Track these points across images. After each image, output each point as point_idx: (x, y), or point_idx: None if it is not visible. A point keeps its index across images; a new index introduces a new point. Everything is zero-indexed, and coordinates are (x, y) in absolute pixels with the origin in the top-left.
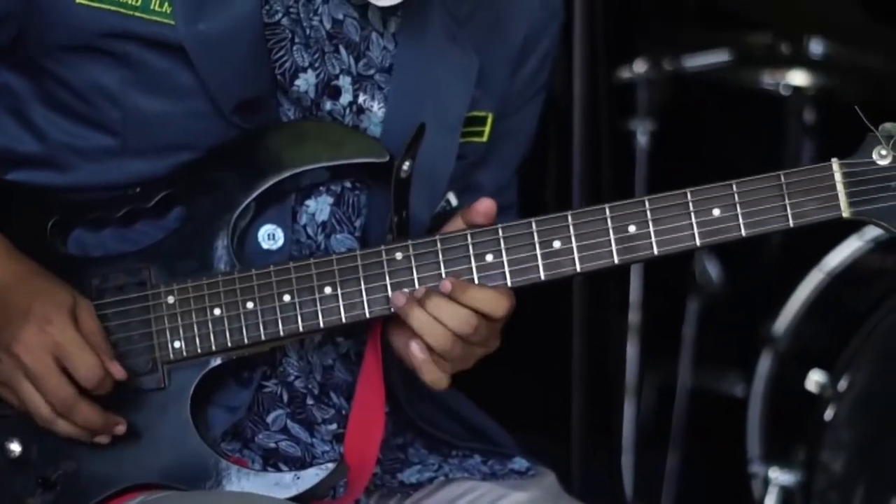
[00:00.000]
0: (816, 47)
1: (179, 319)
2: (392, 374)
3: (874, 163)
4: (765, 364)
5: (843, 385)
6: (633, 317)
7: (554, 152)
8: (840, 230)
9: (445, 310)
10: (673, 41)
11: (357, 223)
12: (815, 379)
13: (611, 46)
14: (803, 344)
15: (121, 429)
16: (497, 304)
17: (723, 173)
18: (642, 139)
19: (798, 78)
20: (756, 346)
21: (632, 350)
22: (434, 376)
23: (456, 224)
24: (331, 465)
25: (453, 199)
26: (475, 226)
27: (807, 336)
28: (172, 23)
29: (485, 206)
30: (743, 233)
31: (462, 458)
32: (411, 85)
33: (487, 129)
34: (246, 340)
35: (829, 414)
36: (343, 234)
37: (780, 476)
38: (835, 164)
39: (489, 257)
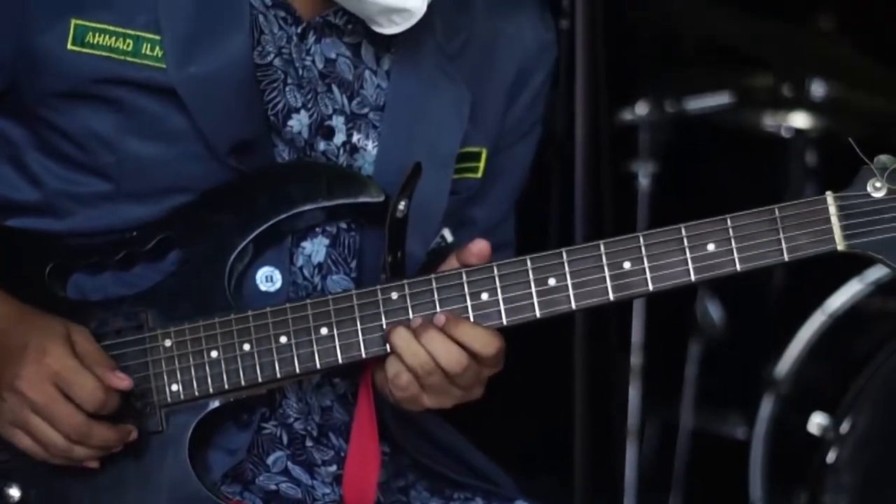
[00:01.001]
0: (818, 89)
1: (177, 362)
2: (387, 413)
3: (868, 195)
4: (767, 406)
5: (845, 427)
6: (635, 358)
7: (556, 194)
8: (841, 272)
9: (438, 344)
10: (675, 83)
11: (353, 264)
12: (817, 421)
13: (613, 88)
14: (805, 386)
15: (134, 435)
16: (487, 342)
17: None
18: (644, 181)
19: (800, 120)
20: (758, 388)
21: (634, 392)
22: (405, 394)
23: (451, 264)
24: None
25: (448, 235)
26: (469, 266)
27: (809, 378)
28: (164, 66)
29: (478, 248)
30: (738, 267)
31: (464, 501)
32: (403, 122)
33: (482, 164)
34: (243, 382)
35: (831, 456)
36: (339, 275)
37: None
38: (829, 197)
39: (484, 296)
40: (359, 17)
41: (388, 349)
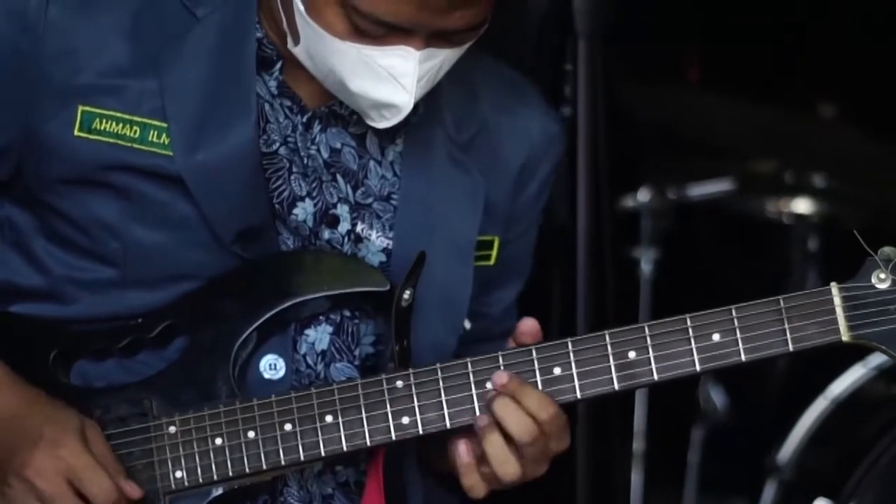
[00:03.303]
0: (820, 176)
1: (181, 449)
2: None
3: (873, 286)
4: (770, 492)
5: None
6: (638, 444)
7: (558, 281)
8: (844, 358)
9: (535, 401)
10: (676, 170)
11: (357, 352)
12: None
13: (615, 175)
14: (808, 472)
15: None
16: (540, 405)
17: (727, 302)
18: (646, 267)
19: (802, 206)
20: (761, 474)
21: (636, 478)
22: (472, 480)
23: (508, 345)
24: None
25: (466, 323)
26: (523, 345)
27: (812, 464)
28: (171, 154)
29: (528, 326)
30: (743, 358)
31: None
32: (418, 214)
33: (495, 252)
34: (247, 469)
35: None
36: (343, 363)
37: None
38: (834, 288)
39: (489, 385)
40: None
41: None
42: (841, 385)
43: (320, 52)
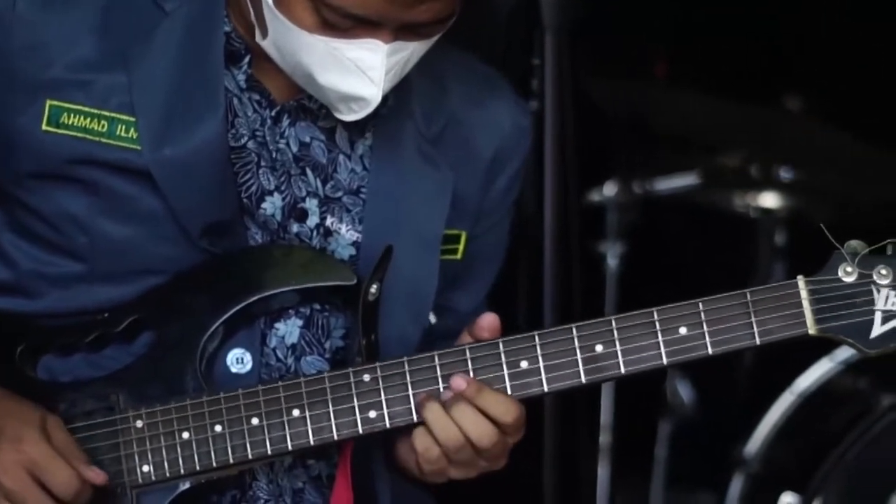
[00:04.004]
0: (786, 170)
1: (148, 444)
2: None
3: (840, 280)
4: (737, 486)
5: None
6: (605, 438)
7: (525, 275)
8: (811, 352)
9: (469, 418)
10: (643, 164)
11: (327, 345)
12: (786, 501)
13: (581, 169)
14: (775, 466)
15: None
16: (506, 410)
17: (693, 296)
18: (612, 262)
19: (768, 200)
20: (728, 467)
21: (603, 472)
22: (434, 468)
23: (463, 339)
24: None
25: (431, 317)
26: (480, 340)
27: (778, 458)
28: (138, 148)
29: (488, 321)
30: (710, 351)
31: None
32: (387, 207)
33: (461, 246)
34: (214, 464)
35: None
36: (313, 357)
37: None
38: (800, 281)
39: (448, 385)
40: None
41: (415, 420)
42: (808, 379)
43: (288, 46)
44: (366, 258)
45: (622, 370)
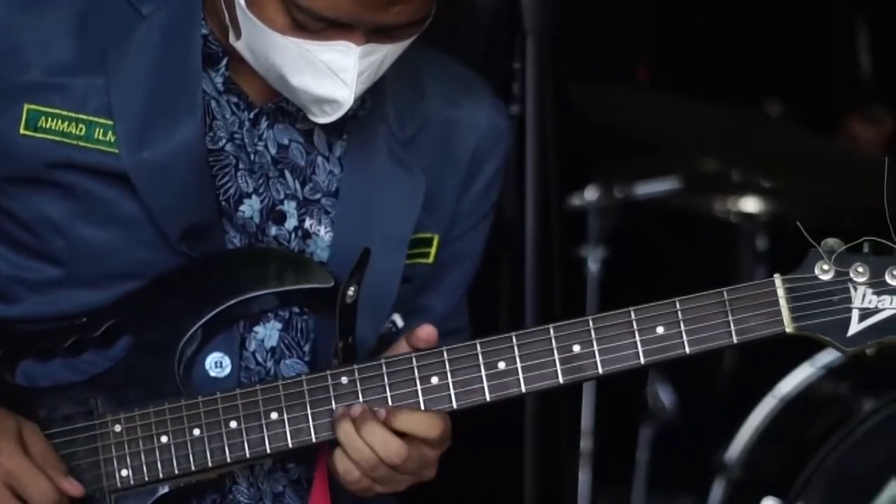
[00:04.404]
0: (766, 174)
1: (126, 447)
2: (346, 499)
3: (817, 278)
4: (718, 491)
5: None
6: (586, 443)
7: (506, 279)
8: (792, 356)
9: (378, 438)
10: (624, 169)
11: (306, 348)
12: None
13: (562, 173)
14: (756, 471)
15: None
16: (430, 426)
17: None
18: (594, 266)
19: (749, 205)
20: (709, 472)
21: (584, 477)
22: (358, 487)
23: (401, 347)
24: None
25: (399, 321)
26: (418, 350)
27: (760, 463)
28: (116, 151)
29: (426, 333)
30: (687, 350)
31: None
32: (357, 208)
33: (433, 250)
34: (193, 467)
35: None
36: (293, 360)
37: None
38: (777, 279)
39: (434, 380)
40: None
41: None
42: (789, 384)
43: (261, 47)
44: (336, 256)
45: (600, 370)
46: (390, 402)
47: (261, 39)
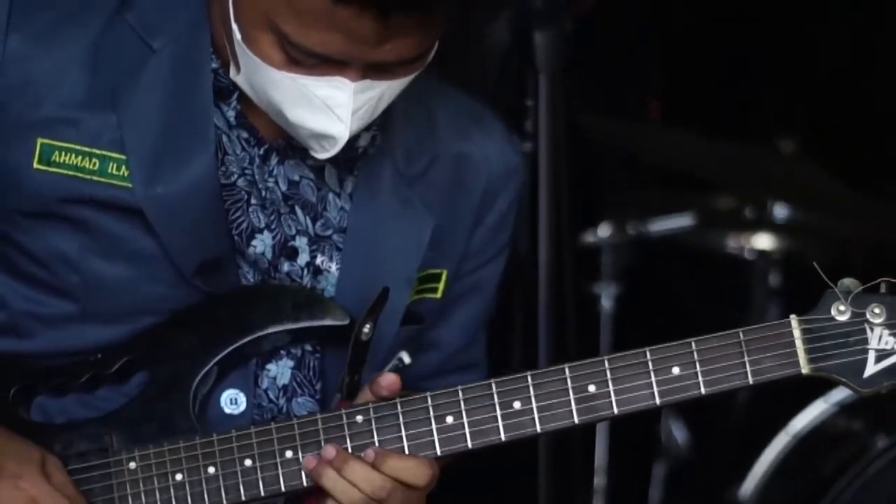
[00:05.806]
0: (781, 211)
1: (141, 485)
2: None
3: (833, 318)
4: None
5: None
6: (600, 480)
7: (520, 316)
8: (806, 393)
9: (359, 474)
10: (637, 205)
11: (318, 386)
12: None
13: (576, 211)
14: None
15: None
16: (418, 474)
17: (688, 337)
18: (607, 303)
19: (763, 241)
20: None
21: None
22: None
23: (364, 396)
24: None
25: (406, 358)
26: (381, 398)
27: (774, 499)
28: (130, 186)
29: (388, 381)
30: (703, 391)
31: None
32: (363, 246)
33: (441, 285)
34: None
35: None
36: (304, 398)
37: None
38: (793, 320)
39: (450, 419)
40: None
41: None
42: (802, 420)
43: (259, 82)
44: (342, 293)
45: (615, 410)
46: (405, 442)
47: (258, 74)
